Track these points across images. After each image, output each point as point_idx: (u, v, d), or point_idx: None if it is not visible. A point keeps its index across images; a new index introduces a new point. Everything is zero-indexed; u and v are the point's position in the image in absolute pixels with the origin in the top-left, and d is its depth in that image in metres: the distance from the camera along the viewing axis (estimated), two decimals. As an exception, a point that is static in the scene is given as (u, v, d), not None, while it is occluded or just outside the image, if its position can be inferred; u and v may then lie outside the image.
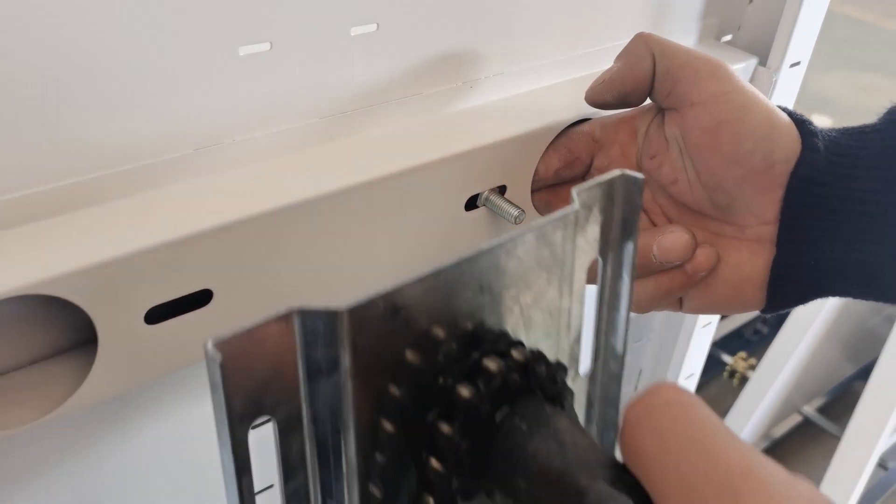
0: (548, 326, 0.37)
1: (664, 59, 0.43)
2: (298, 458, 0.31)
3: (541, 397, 0.33)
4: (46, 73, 0.32)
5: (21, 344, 0.36)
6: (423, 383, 0.32)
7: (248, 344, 0.27)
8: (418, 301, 0.30)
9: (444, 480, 0.32)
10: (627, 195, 0.37)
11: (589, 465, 0.30)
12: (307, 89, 0.41)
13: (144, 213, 0.36)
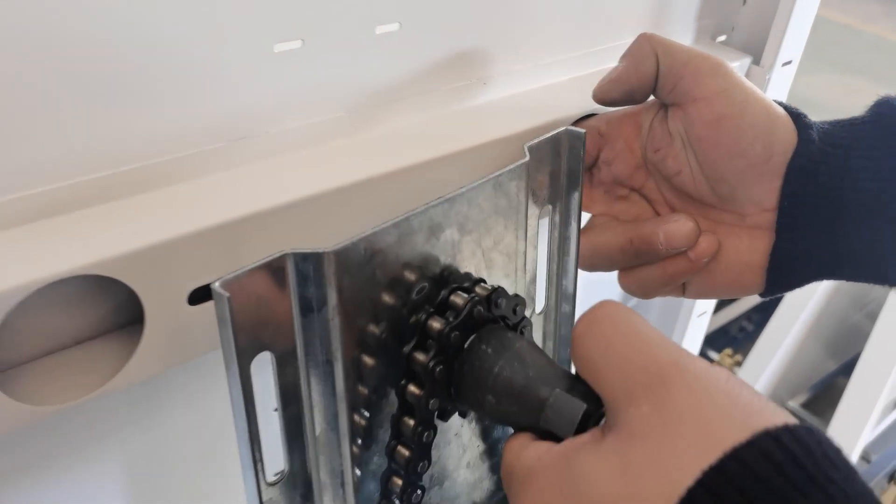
0: (506, 267, 0.42)
1: (667, 57, 0.46)
2: (294, 387, 0.36)
3: (503, 326, 0.39)
4: (106, 68, 0.34)
5: (71, 324, 0.39)
6: (400, 321, 0.37)
7: (250, 283, 0.31)
8: (394, 245, 0.35)
9: (421, 403, 0.37)
10: (572, 149, 0.43)
11: (547, 378, 0.35)
12: (335, 84, 0.43)
13: (188, 200, 0.38)
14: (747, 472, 0.25)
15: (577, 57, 0.55)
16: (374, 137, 0.45)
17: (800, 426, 0.27)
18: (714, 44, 0.64)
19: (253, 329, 0.32)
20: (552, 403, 0.34)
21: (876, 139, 0.43)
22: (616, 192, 0.51)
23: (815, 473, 0.26)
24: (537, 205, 0.43)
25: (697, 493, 0.26)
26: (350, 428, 0.37)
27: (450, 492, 0.44)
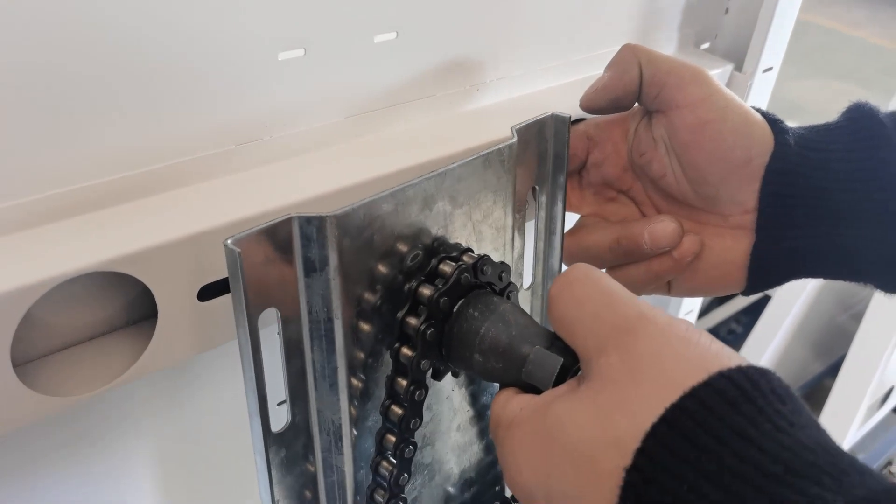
0: (495, 241, 0.45)
1: (650, 66, 0.48)
2: (297, 342, 0.39)
3: (489, 291, 0.42)
4: (120, 77, 0.36)
5: (88, 319, 0.41)
6: (395, 287, 0.40)
7: (259, 242, 0.34)
8: (391, 213, 0.38)
9: (414, 364, 0.40)
10: (557, 133, 0.46)
11: (529, 337, 0.38)
12: (335, 91, 0.45)
13: (198, 201, 0.40)
14: (704, 408, 0.28)
15: (567, 64, 0.57)
16: (373, 141, 0.48)
17: (751, 367, 0.30)
18: (697, 51, 0.67)
19: (260, 285, 0.35)
20: (532, 359, 0.37)
21: (849, 142, 0.46)
22: (605, 194, 0.53)
23: (764, 406, 0.28)
24: (525, 184, 0.46)
25: (661, 429, 0.29)
26: (348, 389, 0.40)
27: (441, 452, 0.47)
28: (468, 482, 0.51)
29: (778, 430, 0.28)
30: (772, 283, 0.50)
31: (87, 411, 0.44)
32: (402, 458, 0.42)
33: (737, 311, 2.18)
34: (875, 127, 0.45)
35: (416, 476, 0.46)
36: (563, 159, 0.47)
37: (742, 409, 0.28)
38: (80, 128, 0.36)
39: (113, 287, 0.40)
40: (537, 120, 0.45)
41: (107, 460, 0.47)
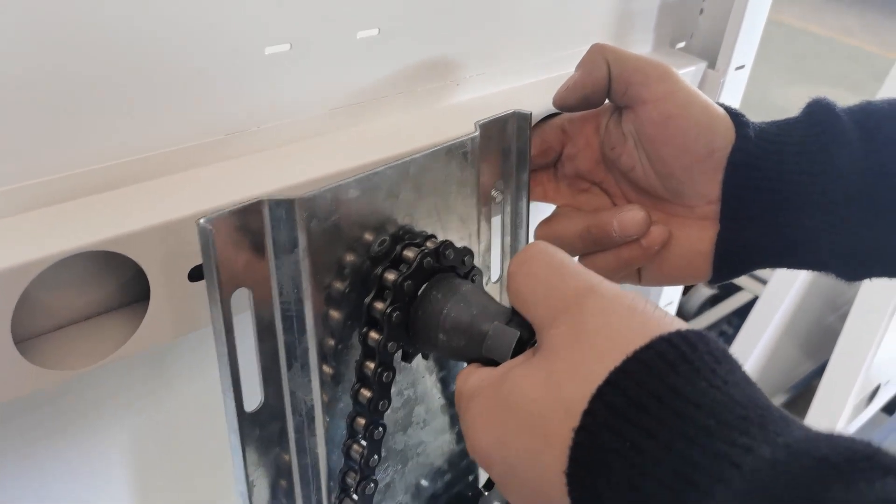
0: (461, 231, 0.48)
1: (617, 64, 0.50)
2: (269, 323, 0.41)
3: (453, 274, 0.44)
4: (114, 70, 0.39)
5: (84, 299, 0.43)
6: (363, 272, 0.43)
7: (231, 223, 0.37)
8: (357, 198, 0.41)
9: (381, 346, 0.43)
10: (520, 129, 0.49)
11: (489, 314, 0.41)
12: (320, 84, 0.48)
13: (189, 186, 0.43)
14: (645, 369, 0.31)
15: (544, 62, 0.60)
16: (356, 133, 0.50)
17: (690, 331, 0.32)
18: (673, 50, 0.69)
19: (232, 264, 0.38)
20: (491, 334, 0.40)
21: (804, 136, 0.48)
22: (578, 186, 0.56)
23: (700, 366, 0.31)
24: (489, 179, 0.49)
25: (605, 391, 0.31)
26: (319, 371, 0.42)
27: (413, 439, 0.49)
28: (441, 471, 0.53)
29: (712, 387, 0.30)
30: (736, 271, 0.52)
31: (80, 392, 0.46)
32: (371, 439, 0.45)
33: (728, 312, 2.20)
34: (830, 121, 0.47)
35: (388, 462, 0.48)
36: (525, 156, 0.49)
37: (679, 369, 0.30)
38: (78, 118, 0.39)
39: (107, 269, 0.42)
40: (500, 117, 0.48)
41: (79, 445, 0.49)
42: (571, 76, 0.52)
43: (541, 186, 0.56)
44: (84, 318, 0.43)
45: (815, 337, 1.86)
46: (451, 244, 0.44)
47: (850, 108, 0.48)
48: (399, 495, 0.51)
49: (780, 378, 1.95)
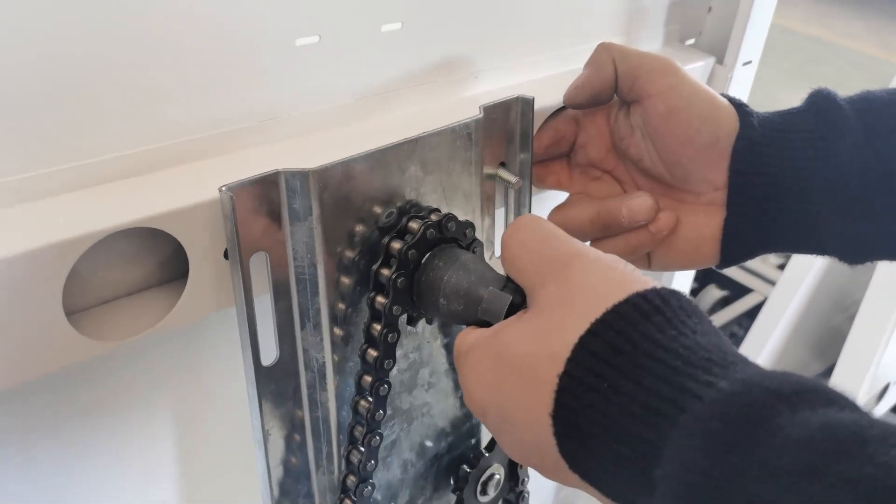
0: (465, 206, 0.52)
1: (623, 62, 0.53)
2: (285, 284, 0.45)
3: (454, 245, 0.48)
4: (162, 60, 0.41)
5: (127, 276, 0.45)
6: (372, 241, 0.46)
7: (251, 191, 0.41)
8: (366, 172, 0.44)
9: (386, 310, 0.46)
10: (523, 114, 0.52)
11: (485, 281, 0.44)
12: (346, 75, 0.50)
13: (224, 169, 0.45)
14: (622, 319, 0.34)
15: (558, 56, 0.62)
16: (379, 121, 0.53)
17: (664, 288, 0.36)
18: (683, 46, 0.72)
19: (251, 229, 0.42)
20: (487, 298, 0.43)
21: (810, 123, 0.50)
22: (590, 174, 0.58)
23: (671, 317, 0.34)
24: (494, 159, 0.52)
25: (587, 339, 0.35)
26: (330, 330, 0.46)
27: (419, 400, 0.53)
28: (445, 432, 0.56)
29: (681, 334, 0.34)
30: (743, 255, 0.55)
31: (124, 365, 0.49)
32: (377, 396, 0.48)
33: (739, 314, 2.22)
34: (832, 109, 0.50)
35: (394, 420, 0.52)
36: (528, 138, 0.52)
37: (653, 319, 0.34)
38: (129, 103, 0.42)
39: (148, 248, 0.45)
40: (504, 101, 0.51)
41: (136, 411, 0.52)
42: (580, 75, 0.55)
43: (555, 175, 0.59)
44: (126, 294, 0.46)
45: (824, 338, 1.87)
46: (454, 217, 0.47)
47: (851, 98, 0.51)
48: (405, 452, 0.54)
49: (790, 378, 1.97)
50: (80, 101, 0.40)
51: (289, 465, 0.50)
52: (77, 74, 0.39)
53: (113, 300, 0.45)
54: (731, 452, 0.29)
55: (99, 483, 0.52)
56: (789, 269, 1.60)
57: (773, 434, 0.29)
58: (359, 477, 0.50)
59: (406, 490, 0.55)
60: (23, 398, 0.45)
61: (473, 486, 0.57)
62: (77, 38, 0.39)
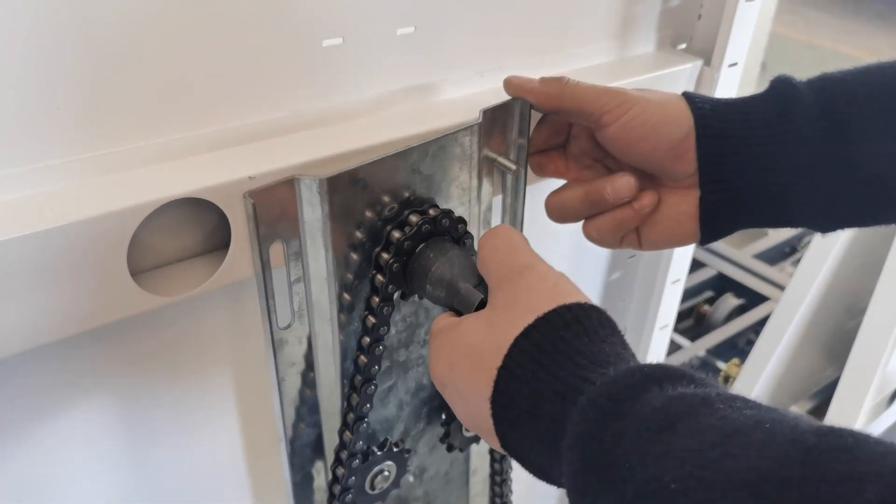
0: (461, 198, 0.60)
1: (574, 101, 0.58)
2: (299, 269, 0.54)
3: (447, 238, 0.56)
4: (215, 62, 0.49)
5: (176, 244, 0.53)
6: (375, 229, 0.54)
7: (269, 195, 0.50)
8: (372, 177, 0.52)
9: (383, 287, 0.55)
10: (521, 112, 0.60)
11: (465, 276, 0.53)
12: (367, 71, 0.57)
13: (261, 151, 0.53)
14: (548, 325, 0.43)
15: (556, 58, 0.69)
16: (393, 114, 0.60)
17: (587, 304, 0.45)
18: (674, 50, 0.79)
19: (271, 224, 0.50)
20: (462, 292, 0.52)
21: (770, 103, 0.56)
22: (583, 163, 0.64)
23: (588, 326, 0.43)
24: (493, 153, 0.60)
25: (520, 340, 0.44)
26: (339, 302, 0.55)
27: (414, 353, 0.63)
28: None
29: (591, 342, 0.43)
30: (722, 231, 0.60)
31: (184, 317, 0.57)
32: (373, 354, 0.57)
33: (754, 322, 2.26)
34: (790, 90, 0.56)
35: (392, 370, 0.62)
36: (525, 132, 0.60)
37: (571, 327, 0.43)
38: (193, 94, 0.49)
39: (195, 220, 0.52)
40: (503, 103, 0.58)
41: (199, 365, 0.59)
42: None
43: (553, 164, 0.65)
44: (176, 260, 0.53)
45: (836, 342, 1.88)
46: (449, 213, 0.55)
47: (810, 79, 0.56)
48: (401, 395, 0.64)
49: (803, 383, 1.98)
50: (151, 92, 0.48)
51: (301, 403, 0.60)
52: (151, 70, 0.47)
53: (165, 265, 0.53)
54: (613, 420, 0.37)
55: (162, 419, 0.60)
56: (798, 274, 1.63)
57: (644, 404, 0.37)
58: (356, 415, 0.59)
59: (401, 424, 0.65)
60: (105, 343, 0.54)
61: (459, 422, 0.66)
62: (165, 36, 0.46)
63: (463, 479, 0.76)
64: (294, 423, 0.61)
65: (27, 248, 0.43)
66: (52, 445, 0.55)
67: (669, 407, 0.36)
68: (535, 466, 0.44)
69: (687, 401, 0.36)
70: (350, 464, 0.61)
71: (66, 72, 0.45)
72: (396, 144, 0.55)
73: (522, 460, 0.45)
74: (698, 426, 0.35)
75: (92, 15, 0.44)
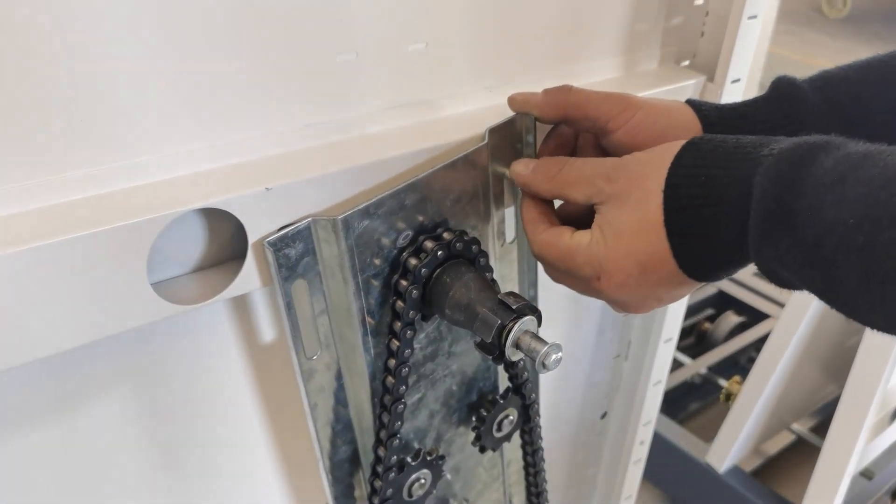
0: (474, 215, 0.61)
1: (579, 109, 0.59)
2: (321, 301, 0.56)
3: (462, 261, 0.57)
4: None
5: (197, 253, 0.54)
6: (392, 259, 0.56)
7: (286, 238, 0.51)
8: (385, 209, 0.54)
9: (404, 313, 0.56)
10: (526, 126, 0.61)
11: (482, 300, 0.54)
12: (380, 85, 0.59)
13: (274, 163, 0.54)
14: (693, 147, 0.50)
15: (564, 73, 0.70)
16: (405, 125, 0.61)
17: (692, 139, 0.50)
18: (678, 67, 0.80)
19: (292, 265, 0.52)
20: (480, 317, 0.53)
21: (774, 106, 0.57)
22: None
23: (722, 137, 0.50)
24: (501, 167, 0.61)
25: (674, 167, 0.49)
26: (363, 328, 0.56)
27: (440, 366, 0.65)
28: (463, 387, 0.68)
29: (737, 140, 0.48)
30: None
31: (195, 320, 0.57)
32: (399, 375, 0.58)
33: (756, 339, 2.27)
34: (793, 90, 0.57)
35: (420, 383, 0.63)
36: (532, 145, 0.61)
37: (714, 139, 0.49)
38: (210, 106, 0.50)
39: (212, 230, 0.53)
40: (508, 119, 0.60)
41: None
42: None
43: None
44: (193, 271, 0.54)
45: (837, 360, 1.89)
46: (463, 235, 0.57)
47: (811, 77, 0.58)
48: (430, 405, 0.65)
49: (804, 401, 1.99)
50: (167, 104, 0.49)
51: (336, 422, 0.61)
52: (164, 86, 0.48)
53: (184, 275, 0.54)
54: (792, 183, 0.43)
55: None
56: (798, 292, 1.64)
57: (817, 166, 0.42)
58: (388, 432, 0.59)
59: (433, 431, 0.67)
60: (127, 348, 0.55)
61: (490, 424, 0.69)
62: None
63: (498, 471, 0.79)
64: (331, 440, 0.62)
65: (51, 255, 0.44)
66: (67, 451, 0.56)
67: (838, 166, 0.42)
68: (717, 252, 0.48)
69: (852, 158, 0.42)
70: (386, 477, 0.63)
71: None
72: (407, 159, 0.57)
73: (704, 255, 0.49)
74: (865, 176, 0.40)
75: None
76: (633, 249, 0.50)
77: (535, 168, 0.57)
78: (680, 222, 0.48)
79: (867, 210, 0.39)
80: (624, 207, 0.50)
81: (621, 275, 0.51)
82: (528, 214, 0.58)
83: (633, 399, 1.05)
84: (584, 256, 0.52)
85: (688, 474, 1.92)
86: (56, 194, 0.47)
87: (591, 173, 0.53)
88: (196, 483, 0.64)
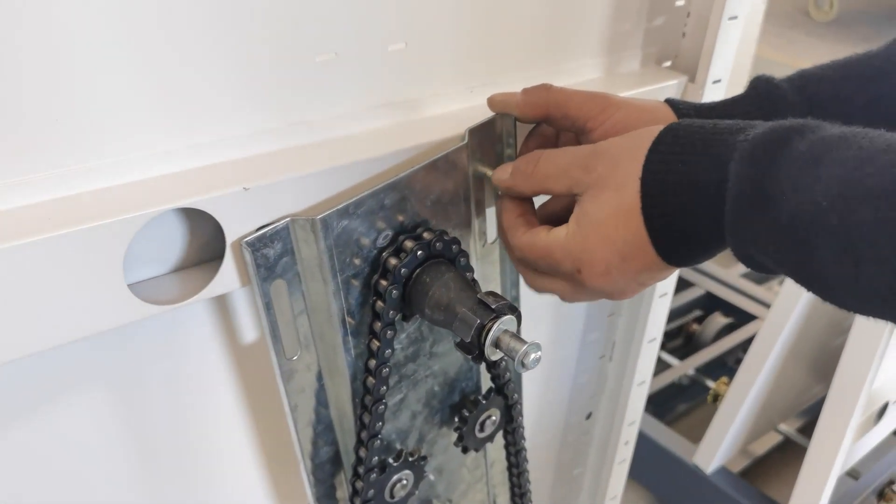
0: (455, 215, 0.61)
1: (558, 109, 0.59)
2: (300, 302, 0.55)
3: (442, 260, 0.57)
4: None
5: (174, 253, 0.53)
6: (372, 258, 0.56)
7: (265, 238, 0.51)
8: (364, 209, 0.53)
9: (384, 313, 0.56)
10: (506, 126, 0.62)
11: (461, 300, 0.54)
12: (360, 86, 0.59)
13: (255, 163, 0.53)
14: (670, 133, 0.49)
15: (547, 73, 0.71)
16: (386, 126, 0.61)
17: (669, 124, 0.50)
18: (660, 67, 0.80)
19: (270, 265, 0.52)
20: (460, 317, 0.53)
21: (753, 103, 0.58)
22: None
23: (700, 123, 0.49)
24: (482, 167, 0.61)
25: (651, 154, 0.49)
26: (342, 329, 0.56)
27: (422, 366, 0.64)
28: (445, 387, 0.68)
29: (715, 124, 0.48)
30: None
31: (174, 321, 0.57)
32: (379, 375, 0.58)
33: (743, 340, 2.27)
34: (772, 89, 0.57)
35: (401, 384, 0.63)
36: (513, 146, 0.62)
37: (693, 125, 0.49)
38: (188, 105, 0.50)
39: (190, 231, 0.53)
40: (488, 120, 0.60)
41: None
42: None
43: None
44: (172, 271, 0.54)
45: (823, 360, 1.90)
46: (443, 235, 0.56)
47: (789, 77, 0.58)
48: (412, 405, 0.65)
49: (791, 401, 1.99)
50: (146, 101, 0.49)
51: (317, 423, 0.61)
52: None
53: (162, 275, 0.53)
54: (767, 167, 0.43)
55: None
56: (784, 292, 1.65)
57: (792, 149, 0.43)
58: (369, 433, 0.58)
59: (415, 432, 0.67)
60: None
61: (473, 425, 0.69)
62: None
63: (481, 472, 0.79)
64: (312, 441, 0.62)
65: (24, 256, 0.44)
66: (47, 453, 0.55)
67: (813, 148, 0.42)
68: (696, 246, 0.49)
69: (827, 141, 0.42)
70: (368, 478, 0.63)
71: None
72: (387, 159, 0.56)
73: (687, 254, 0.49)
74: (840, 157, 0.41)
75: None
76: (613, 238, 0.50)
77: (514, 169, 0.57)
78: (657, 209, 0.48)
79: (841, 190, 0.40)
80: (602, 196, 0.50)
81: (602, 265, 0.51)
82: (506, 220, 0.58)
83: (617, 399, 1.05)
84: (562, 251, 0.52)
85: (675, 475, 1.92)
86: (30, 195, 0.47)
87: (567, 164, 0.53)
88: (176, 486, 0.64)
